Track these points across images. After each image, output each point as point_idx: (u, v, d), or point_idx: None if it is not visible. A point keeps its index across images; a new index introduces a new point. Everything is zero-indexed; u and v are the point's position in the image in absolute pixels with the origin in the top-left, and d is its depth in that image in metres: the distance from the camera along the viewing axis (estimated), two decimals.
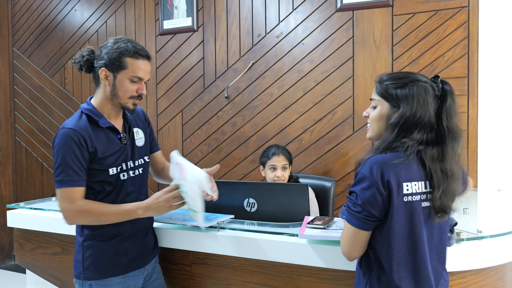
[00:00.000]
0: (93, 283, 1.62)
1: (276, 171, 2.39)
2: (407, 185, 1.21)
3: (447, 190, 1.23)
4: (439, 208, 1.23)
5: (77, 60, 1.63)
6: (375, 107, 1.33)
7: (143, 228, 1.71)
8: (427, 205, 1.24)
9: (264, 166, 2.47)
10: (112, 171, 1.60)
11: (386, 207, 1.21)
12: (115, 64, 1.56)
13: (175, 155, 1.60)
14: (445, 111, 1.25)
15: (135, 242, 1.67)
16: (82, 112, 1.62)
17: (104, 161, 1.58)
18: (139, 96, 1.62)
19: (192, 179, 1.51)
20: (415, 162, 1.23)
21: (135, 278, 1.68)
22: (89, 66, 1.63)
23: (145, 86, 1.66)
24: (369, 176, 1.20)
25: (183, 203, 1.56)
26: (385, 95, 1.30)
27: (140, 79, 1.59)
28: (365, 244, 1.28)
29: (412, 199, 1.22)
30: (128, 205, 1.57)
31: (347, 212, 1.26)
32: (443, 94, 1.26)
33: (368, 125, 1.38)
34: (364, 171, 1.22)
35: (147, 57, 1.61)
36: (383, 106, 1.31)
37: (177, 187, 1.55)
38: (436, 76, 1.30)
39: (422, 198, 1.24)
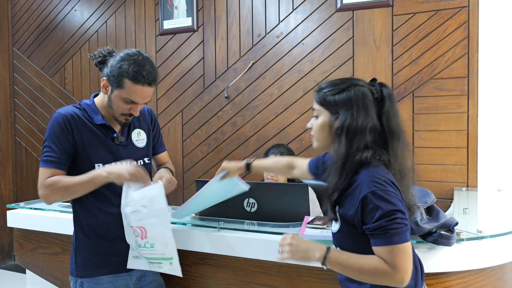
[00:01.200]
0: (84, 280, 1.64)
1: None
2: None
3: (406, 188, 1.24)
4: (409, 206, 1.25)
5: (94, 55, 1.65)
6: (317, 117, 1.31)
7: None
8: None
9: None
10: (98, 167, 1.61)
11: None
12: (115, 81, 1.56)
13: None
14: (384, 114, 1.24)
15: (126, 245, 1.64)
16: (80, 105, 1.67)
17: (89, 154, 1.60)
18: (132, 115, 1.62)
19: (155, 215, 1.49)
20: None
21: (127, 278, 1.69)
22: (101, 65, 1.65)
23: (144, 106, 1.69)
24: (395, 189, 1.17)
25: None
26: (323, 103, 1.28)
27: (134, 102, 1.58)
28: None
29: None
30: (93, 171, 1.56)
31: (394, 236, 1.12)
32: (382, 97, 1.25)
33: (311, 135, 1.34)
34: (387, 186, 1.16)
35: (148, 83, 1.56)
36: (324, 115, 1.28)
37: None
38: (374, 79, 1.30)
39: None
